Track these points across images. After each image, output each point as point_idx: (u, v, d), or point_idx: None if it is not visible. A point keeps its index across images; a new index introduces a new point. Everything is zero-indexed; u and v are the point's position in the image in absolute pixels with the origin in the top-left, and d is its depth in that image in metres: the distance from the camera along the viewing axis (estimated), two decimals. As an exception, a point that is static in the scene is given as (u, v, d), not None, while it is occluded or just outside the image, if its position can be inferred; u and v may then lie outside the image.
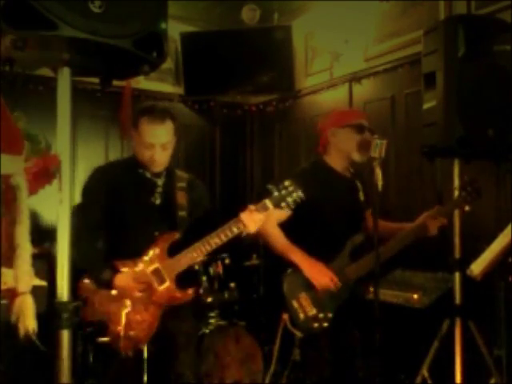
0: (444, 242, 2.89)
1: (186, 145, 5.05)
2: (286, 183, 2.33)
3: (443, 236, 2.81)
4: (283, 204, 2.33)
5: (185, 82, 4.91)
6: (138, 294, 2.28)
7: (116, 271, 2.27)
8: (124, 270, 2.29)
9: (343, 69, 4.33)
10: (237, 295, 3.67)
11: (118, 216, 2.39)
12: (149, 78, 4.53)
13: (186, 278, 2.40)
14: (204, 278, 3.52)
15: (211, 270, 3.56)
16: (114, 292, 2.29)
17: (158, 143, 2.36)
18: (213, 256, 3.59)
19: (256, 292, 4.05)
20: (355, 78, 4.20)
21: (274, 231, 2.64)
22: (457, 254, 2.77)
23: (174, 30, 4.68)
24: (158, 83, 4.83)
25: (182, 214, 2.47)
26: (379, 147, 2.38)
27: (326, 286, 2.55)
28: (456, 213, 2.76)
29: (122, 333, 2.24)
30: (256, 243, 3.78)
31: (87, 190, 2.43)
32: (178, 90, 4.99)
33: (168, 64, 4.85)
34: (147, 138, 2.36)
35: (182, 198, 2.49)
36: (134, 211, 2.41)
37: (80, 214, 2.12)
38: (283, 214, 2.61)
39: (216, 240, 2.31)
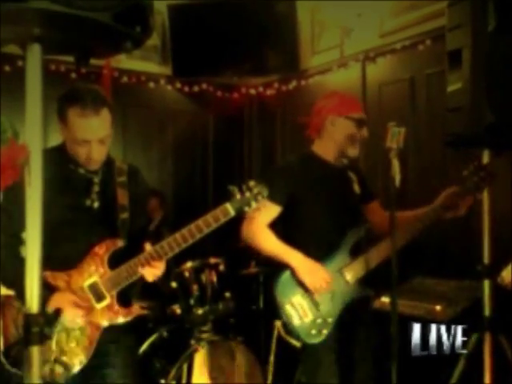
0: (471, 246, 2.89)
1: (174, 133, 5.06)
2: (251, 183, 2.28)
3: (470, 238, 2.81)
4: (246, 208, 2.26)
5: (173, 60, 4.91)
6: (79, 320, 2.18)
7: (51, 289, 2.14)
8: (59, 284, 2.18)
9: (355, 46, 4.33)
10: (232, 306, 3.68)
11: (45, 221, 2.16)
12: (131, 57, 4.54)
13: (128, 293, 2.31)
14: (195, 287, 3.53)
15: (203, 278, 3.58)
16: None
17: (95, 139, 2.21)
18: (205, 261, 3.61)
19: (255, 303, 4.06)
20: (369, 57, 4.21)
21: (264, 233, 2.66)
22: (486, 259, 2.77)
23: (161, 1, 4.68)
24: (142, 62, 4.84)
25: (124, 216, 2.34)
26: (397, 136, 2.39)
27: (321, 289, 2.57)
28: (485, 211, 2.76)
29: (51, 359, 2.10)
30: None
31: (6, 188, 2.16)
32: (165, 69, 4.99)
33: (153, 40, 4.85)
34: (80, 134, 2.19)
35: (122, 196, 2.36)
36: (64, 216, 2.23)
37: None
38: (271, 213, 2.63)
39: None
